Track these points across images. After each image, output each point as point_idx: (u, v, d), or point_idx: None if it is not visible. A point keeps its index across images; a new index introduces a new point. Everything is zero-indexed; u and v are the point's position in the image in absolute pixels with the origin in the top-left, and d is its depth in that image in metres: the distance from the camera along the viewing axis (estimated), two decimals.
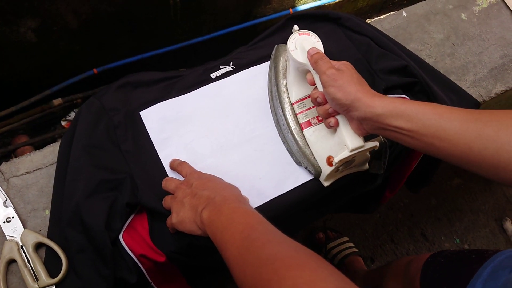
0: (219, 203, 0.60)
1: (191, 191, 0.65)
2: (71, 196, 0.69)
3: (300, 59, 0.71)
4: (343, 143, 0.66)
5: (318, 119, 0.76)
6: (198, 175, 0.69)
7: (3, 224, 0.70)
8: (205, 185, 0.65)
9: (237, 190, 0.67)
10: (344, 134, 0.66)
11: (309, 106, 0.77)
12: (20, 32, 1.10)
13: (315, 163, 0.73)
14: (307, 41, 0.72)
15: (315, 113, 0.76)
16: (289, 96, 0.78)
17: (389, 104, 0.59)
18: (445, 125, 0.55)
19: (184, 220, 0.63)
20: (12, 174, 0.75)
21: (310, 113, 0.76)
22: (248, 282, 0.47)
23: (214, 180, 0.67)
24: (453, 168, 1.75)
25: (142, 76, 0.82)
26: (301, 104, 0.77)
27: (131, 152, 0.74)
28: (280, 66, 0.80)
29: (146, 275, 0.69)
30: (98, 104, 0.77)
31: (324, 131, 0.74)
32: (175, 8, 1.26)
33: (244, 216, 0.56)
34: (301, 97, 0.77)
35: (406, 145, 0.61)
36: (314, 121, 0.76)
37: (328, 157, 0.70)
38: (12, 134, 1.35)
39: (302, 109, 0.76)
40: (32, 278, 0.66)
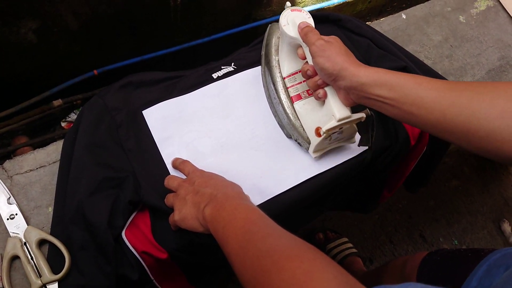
0: (221, 200, 0.61)
1: (194, 189, 0.66)
2: (74, 193, 0.69)
3: (292, 33, 0.72)
4: (331, 113, 0.68)
5: (308, 93, 0.78)
6: (200, 173, 0.70)
7: (6, 221, 0.71)
8: (207, 182, 0.66)
9: (239, 187, 0.68)
10: (332, 104, 0.68)
11: (299, 80, 0.79)
12: (20, 33, 1.10)
13: (304, 135, 0.76)
14: (298, 17, 0.73)
15: (305, 87, 0.78)
16: (280, 71, 0.80)
17: (373, 74, 0.62)
18: (422, 93, 0.58)
19: (186, 217, 0.64)
20: (16, 171, 0.76)
21: (301, 87, 0.79)
22: (248, 273, 0.48)
23: (216, 178, 0.68)
24: (451, 170, 1.76)
25: (144, 76, 0.83)
26: (292, 79, 0.79)
27: (134, 151, 0.75)
28: (272, 43, 0.83)
29: (148, 272, 0.70)
30: (101, 103, 0.77)
31: (313, 104, 0.76)
32: (175, 10, 1.27)
33: (245, 212, 0.57)
34: (292, 72, 0.79)
35: (388, 114, 0.64)
36: (304, 94, 0.78)
37: (317, 128, 0.72)
38: (12, 135, 1.35)
39: (293, 83, 0.79)
40: (35, 274, 0.66)
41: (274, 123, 0.82)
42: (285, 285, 0.42)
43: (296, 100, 0.78)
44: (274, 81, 0.79)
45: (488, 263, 0.68)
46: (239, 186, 0.68)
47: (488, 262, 0.68)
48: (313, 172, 0.77)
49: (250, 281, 0.47)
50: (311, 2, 1.54)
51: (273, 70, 0.80)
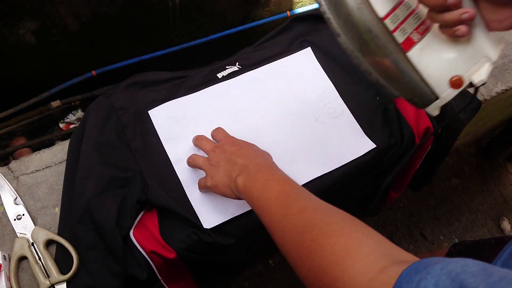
0: (253, 171, 0.61)
1: (225, 157, 0.66)
2: (81, 193, 0.69)
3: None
4: (479, 53, 0.51)
5: (419, 31, 0.54)
6: (232, 140, 0.70)
7: (13, 221, 0.71)
8: (239, 151, 0.66)
9: (269, 156, 0.68)
10: (482, 41, 0.50)
11: (404, 15, 0.53)
12: (19, 34, 1.09)
13: (427, 91, 0.54)
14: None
15: (413, 24, 0.53)
16: (374, 10, 0.51)
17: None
18: None
19: (218, 185, 0.65)
20: (22, 172, 0.76)
21: (408, 26, 0.53)
22: (289, 247, 0.50)
23: (247, 147, 0.68)
24: (451, 169, 1.77)
25: (149, 75, 0.83)
26: (393, 17, 0.52)
27: (140, 151, 0.74)
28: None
29: (156, 271, 0.70)
30: (107, 103, 0.77)
31: (435, 45, 0.54)
32: (173, 11, 1.27)
33: (278, 183, 0.57)
34: (392, 6, 0.52)
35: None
36: (416, 36, 0.54)
37: (453, 78, 0.53)
38: (10, 136, 1.34)
39: (396, 23, 0.52)
40: (44, 275, 0.66)
41: (281, 122, 0.81)
42: (326, 262, 0.43)
43: (409, 47, 0.53)
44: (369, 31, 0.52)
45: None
46: (270, 155, 0.68)
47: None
48: (320, 172, 0.77)
49: (291, 254, 0.49)
50: (308, 2, 1.54)
51: (361, 13, 0.51)
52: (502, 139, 1.72)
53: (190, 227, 0.70)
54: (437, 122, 0.86)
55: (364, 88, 0.86)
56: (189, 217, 0.69)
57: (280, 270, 1.42)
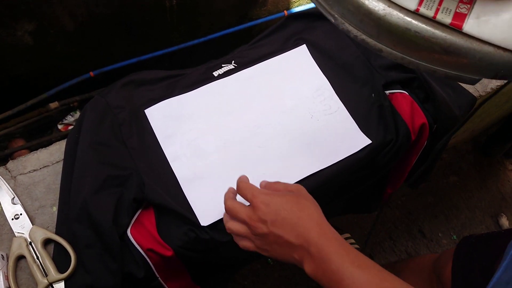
0: (317, 258, 0.54)
1: (271, 232, 0.57)
2: (78, 192, 0.69)
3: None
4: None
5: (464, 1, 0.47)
6: (264, 204, 0.58)
7: (11, 221, 0.71)
8: (282, 223, 0.57)
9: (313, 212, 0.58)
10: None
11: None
12: (16, 35, 1.10)
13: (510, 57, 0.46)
14: None
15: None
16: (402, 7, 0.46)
17: None
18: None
19: (279, 259, 0.59)
20: (19, 172, 0.76)
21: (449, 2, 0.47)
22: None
23: (286, 212, 0.57)
24: (449, 166, 1.77)
25: (145, 74, 0.83)
26: (428, 2, 0.47)
27: (137, 149, 0.75)
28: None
29: (153, 269, 0.70)
30: (103, 102, 0.78)
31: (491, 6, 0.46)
32: (171, 11, 1.27)
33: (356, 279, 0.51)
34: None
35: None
36: (463, 7, 0.46)
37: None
38: (9, 138, 1.34)
39: (435, 7, 0.47)
40: (41, 274, 0.66)
41: (276, 120, 0.81)
42: None
43: (462, 22, 0.46)
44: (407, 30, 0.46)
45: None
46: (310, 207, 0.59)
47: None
48: (316, 168, 0.77)
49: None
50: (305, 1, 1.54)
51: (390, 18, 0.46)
52: (500, 136, 1.72)
53: (187, 225, 0.70)
54: (433, 119, 0.87)
55: (359, 85, 0.87)
56: (186, 214, 0.70)
57: (279, 268, 1.42)
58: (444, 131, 0.90)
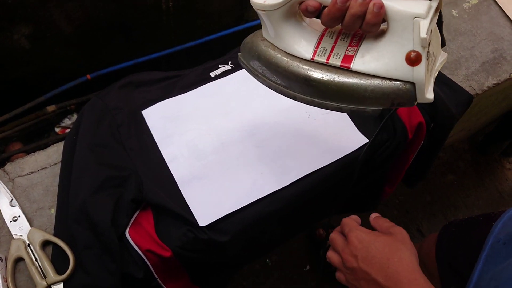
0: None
1: (359, 268, 0.58)
2: (77, 193, 0.69)
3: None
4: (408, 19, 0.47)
5: (353, 45, 0.53)
6: (358, 239, 0.60)
7: (9, 223, 0.71)
8: (372, 261, 0.57)
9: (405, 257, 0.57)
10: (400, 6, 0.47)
11: (330, 44, 0.54)
12: (13, 38, 1.10)
13: (398, 86, 0.51)
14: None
15: (345, 43, 0.54)
16: (300, 56, 0.55)
17: None
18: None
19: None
20: (17, 174, 0.76)
21: (340, 48, 0.54)
22: None
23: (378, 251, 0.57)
24: (447, 165, 1.77)
25: (143, 75, 0.84)
26: (321, 51, 0.54)
27: (135, 150, 0.75)
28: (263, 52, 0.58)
29: (152, 270, 0.70)
30: (101, 103, 0.78)
31: (372, 44, 0.52)
32: (167, 13, 1.27)
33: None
34: (315, 44, 0.55)
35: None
36: (352, 50, 0.53)
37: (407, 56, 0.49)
38: (6, 142, 1.34)
39: (327, 53, 0.54)
40: (40, 276, 0.66)
41: (273, 119, 0.82)
42: None
43: (350, 62, 0.53)
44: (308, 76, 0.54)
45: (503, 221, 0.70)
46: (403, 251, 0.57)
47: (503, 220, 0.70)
48: (313, 168, 0.78)
49: None
50: None
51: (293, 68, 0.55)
52: (497, 134, 1.73)
53: (185, 225, 0.70)
54: (430, 117, 0.87)
55: None
56: (184, 215, 0.70)
57: (278, 268, 1.42)
58: (441, 129, 0.90)
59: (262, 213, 0.74)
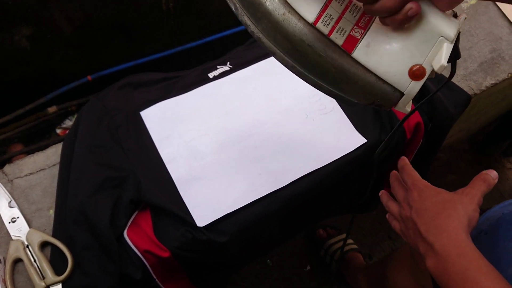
0: (441, 258, 0.53)
1: (411, 218, 0.59)
2: (75, 194, 0.70)
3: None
4: (435, 34, 0.44)
5: (360, 25, 0.47)
6: (418, 191, 0.61)
7: (8, 224, 0.71)
8: (423, 213, 0.58)
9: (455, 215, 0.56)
10: (434, 19, 0.44)
11: (337, 14, 0.46)
12: (14, 40, 1.10)
13: (388, 90, 0.49)
14: None
15: (352, 19, 0.47)
16: (301, 16, 0.46)
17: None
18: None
19: (410, 243, 0.61)
20: (16, 175, 0.76)
21: (346, 23, 0.47)
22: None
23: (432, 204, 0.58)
24: (447, 165, 1.77)
25: (142, 76, 0.84)
26: (326, 18, 0.46)
27: (133, 151, 0.75)
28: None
29: (150, 271, 0.70)
30: (100, 104, 0.78)
31: (382, 37, 0.47)
32: (168, 14, 1.28)
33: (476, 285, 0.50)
34: (322, 7, 0.46)
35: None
36: (358, 31, 0.47)
37: (412, 68, 0.47)
38: (7, 143, 1.35)
39: (331, 24, 0.46)
40: (39, 276, 0.67)
41: (272, 120, 0.82)
42: None
43: (353, 47, 0.47)
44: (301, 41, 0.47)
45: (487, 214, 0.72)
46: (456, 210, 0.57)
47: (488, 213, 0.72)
48: (311, 168, 0.78)
49: None
50: None
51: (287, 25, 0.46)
52: (497, 134, 1.72)
53: (183, 226, 0.70)
54: (428, 117, 0.87)
55: None
56: (182, 215, 0.70)
57: (278, 269, 1.42)
58: (439, 129, 0.90)
59: (261, 213, 0.74)
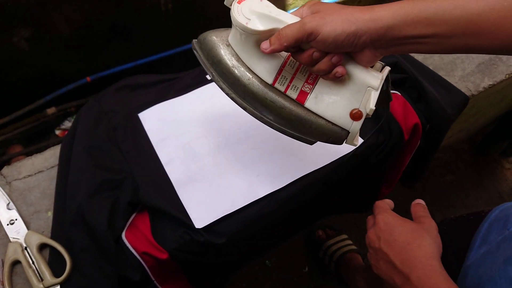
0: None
1: (380, 249, 0.59)
2: (73, 196, 0.70)
3: (262, 26, 0.55)
4: (364, 85, 0.56)
5: (309, 81, 0.60)
6: (384, 222, 0.61)
7: (6, 226, 0.71)
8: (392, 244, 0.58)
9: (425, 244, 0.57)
10: (360, 75, 0.56)
11: (290, 75, 0.60)
12: (13, 41, 1.10)
13: (336, 130, 0.61)
14: (254, 5, 0.57)
15: (302, 78, 0.60)
16: (262, 80, 0.60)
17: (399, 11, 0.49)
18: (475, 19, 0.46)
19: (381, 275, 0.61)
20: (14, 177, 0.76)
21: (298, 82, 0.60)
22: None
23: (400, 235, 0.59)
24: (446, 165, 1.77)
25: (139, 78, 0.84)
26: (282, 79, 0.60)
27: (131, 152, 0.75)
28: (225, 57, 0.61)
29: (148, 272, 0.70)
30: (97, 106, 0.79)
31: (326, 90, 0.59)
32: (167, 15, 1.28)
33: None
34: (277, 72, 0.60)
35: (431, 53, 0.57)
36: (307, 86, 0.60)
37: (352, 112, 0.59)
38: (6, 144, 1.35)
39: (286, 84, 0.60)
40: (37, 278, 0.67)
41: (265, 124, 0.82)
42: None
43: (304, 99, 0.60)
44: (266, 100, 0.60)
45: (489, 221, 0.70)
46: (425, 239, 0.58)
47: (489, 220, 0.70)
48: (309, 169, 0.78)
49: None
50: (301, 3, 1.55)
51: (253, 88, 0.60)
52: (496, 134, 1.72)
53: (181, 227, 0.70)
54: (426, 118, 0.87)
55: None
56: (180, 217, 0.70)
57: (277, 270, 1.42)
58: (437, 130, 0.90)
59: (259, 214, 0.74)
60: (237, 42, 0.60)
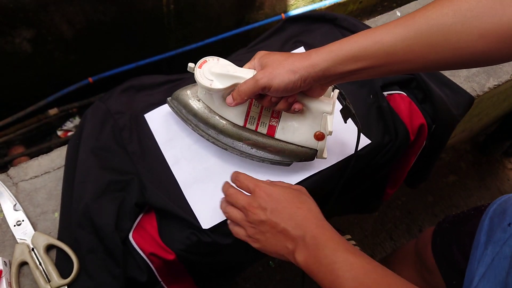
0: (312, 247, 0.55)
1: (268, 220, 0.59)
2: (80, 198, 0.70)
3: (222, 85, 0.65)
4: (320, 112, 0.67)
5: (274, 116, 0.72)
6: (266, 193, 0.61)
7: (13, 227, 0.71)
8: (282, 212, 0.59)
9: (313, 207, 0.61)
10: (315, 106, 0.67)
11: (257, 114, 0.72)
12: (15, 43, 1.10)
13: (306, 150, 0.72)
14: (213, 67, 0.66)
15: (268, 114, 0.72)
16: (235, 124, 0.73)
17: (330, 54, 0.57)
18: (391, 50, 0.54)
19: (267, 250, 0.61)
20: (21, 178, 0.76)
21: (265, 118, 0.73)
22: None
23: (287, 202, 0.60)
24: (448, 166, 1.78)
25: (145, 79, 0.84)
26: (251, 120, 0.72)
27: (137, 153, 0.75)
28: (200, 112, 0.74)
29: (156, 273, 0.70)
30: (104, 107, 0.78)
31: (290, 120, 0.72)
32: (168, 16, 1.28)
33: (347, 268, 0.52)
34: (245, 114, 0.72)
35: (370, 78, 0.65)
36: (274, 120, 0.72)
37: (315, 134, 0.71)
38: (9, 145, 1.35)
39: (255, 122, 0.72)
40: (44, 280, 0.66)
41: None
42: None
43: (273, 132, 0.72)
44: (240, 138, 0.73)
45: (490, 215, 0.71)
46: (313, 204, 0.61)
47: (489, 215, 0.71)
48: (316, 169, 0.78)
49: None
50: (303, 4, 1.55)
51: (228, 131, 0.73)
52: (498, 134, 1.73)
53: (189, 228, 0.70)
54: (431, 119, 0.87)
55: (357, 86, 0.87)
56: (187, 218, 0.70)
57: (280, 271, 1.42)
58: (442, 131, 0.90)
59: None
60: (206, 98, 0.73)
